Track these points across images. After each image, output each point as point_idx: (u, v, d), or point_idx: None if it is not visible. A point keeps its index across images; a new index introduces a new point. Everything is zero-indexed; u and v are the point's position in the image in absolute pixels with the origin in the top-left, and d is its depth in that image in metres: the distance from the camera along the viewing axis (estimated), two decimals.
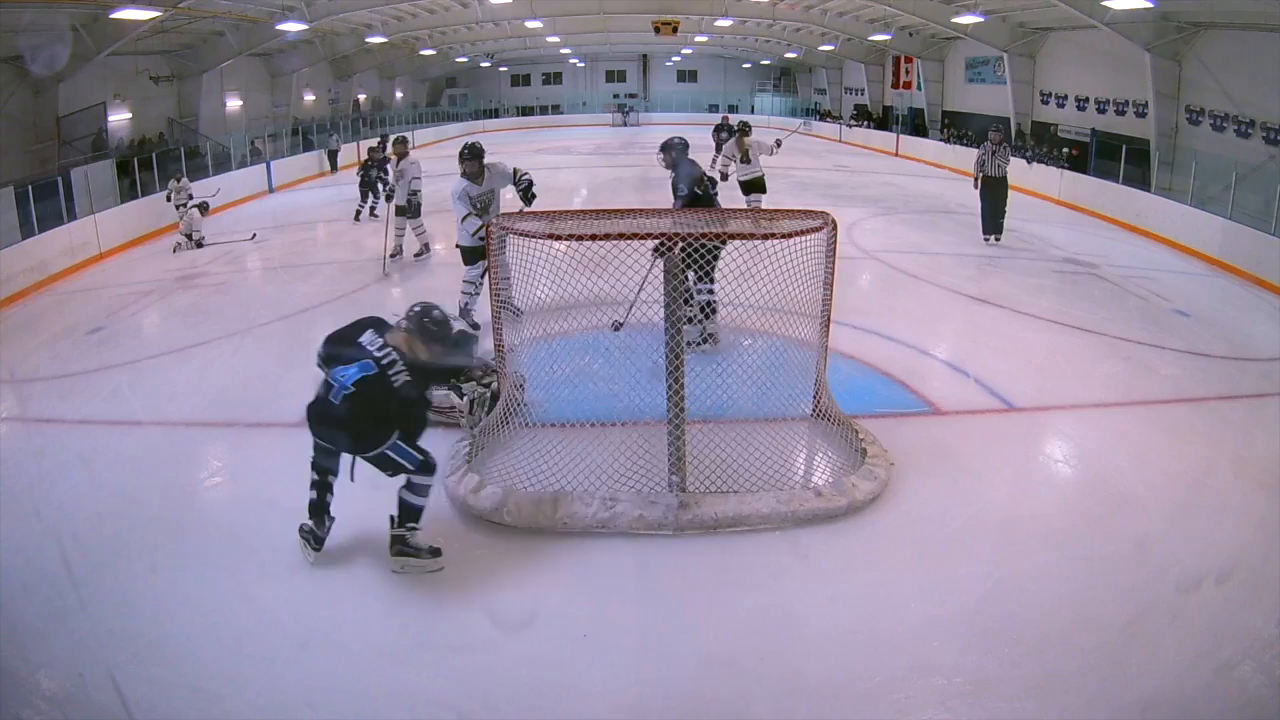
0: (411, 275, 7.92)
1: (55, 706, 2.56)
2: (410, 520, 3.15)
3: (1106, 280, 7.72)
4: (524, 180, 5.62)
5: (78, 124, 12.68)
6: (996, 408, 4.61)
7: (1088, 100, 14.10)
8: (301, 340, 6.10)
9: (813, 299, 3.99)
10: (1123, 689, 2.57)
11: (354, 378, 2.95)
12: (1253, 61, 10.10)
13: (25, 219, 8.50)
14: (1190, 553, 3.31)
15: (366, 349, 3.00)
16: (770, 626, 2.87)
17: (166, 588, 3.09)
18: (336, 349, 3.05)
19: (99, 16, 11.38)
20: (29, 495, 3.85)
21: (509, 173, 5.66)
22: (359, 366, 2.96)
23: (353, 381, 2.94)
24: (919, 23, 16.96)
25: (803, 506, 3.45)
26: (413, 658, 2.73)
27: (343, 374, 2.96)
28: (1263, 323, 6.75)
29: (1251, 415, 4.75)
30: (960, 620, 2.87)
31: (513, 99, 32.69)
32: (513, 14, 19.16)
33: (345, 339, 3.07)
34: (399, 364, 3.00)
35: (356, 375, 2.95)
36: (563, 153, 18.71)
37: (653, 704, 2.55)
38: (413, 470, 3.09)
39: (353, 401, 2.94)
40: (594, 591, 3.08)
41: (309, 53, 19.05)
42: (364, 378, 2.95)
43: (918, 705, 2.53)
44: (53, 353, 6.04)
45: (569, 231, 3.83)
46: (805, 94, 30.37)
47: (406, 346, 3.07)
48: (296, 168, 15.75)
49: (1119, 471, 3.95)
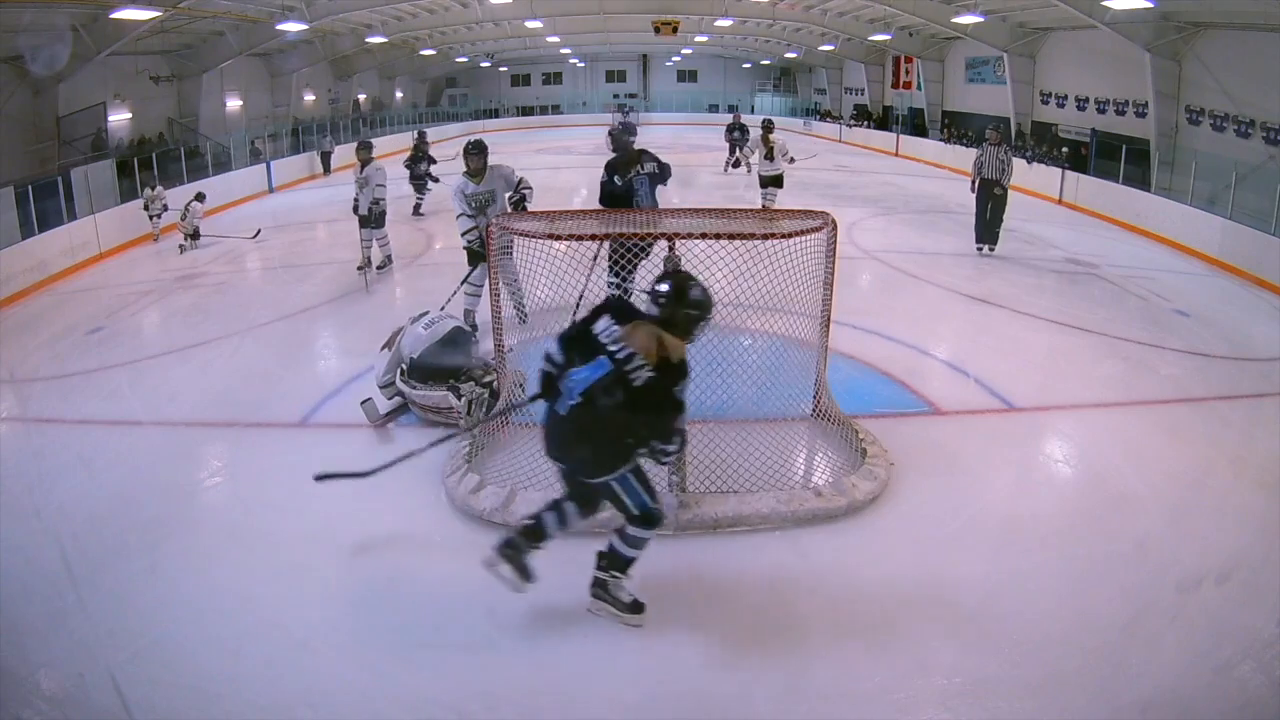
0: (412, 276, 7.92)
1: (55, 706, 2.56)
2: (617, 569, 2.73)
3: (1106, 280, 7.72)
4: (522, 190, 5.57)
5: (78, 124, 12.68)
6: (996, 408, 4.61)
7: (1088, 100, 14.10)
8: (302, 340, 6.12)
9: (813, 299, 3.99)
10: (1123, 689, 2.57)
11: (584, 384, 2.45)
12: (1253, 61, 10.10)
13: (25, 219, 8.51)
14: (1190, 553, 3.31)
15: (601, 342, 2.48)
16: (770, 626, 2.87)
17: (166, 588, 3.09)
18: (570, 348, 2.56)
19: (99, 16, 11.38)
20: (29, 495, 3.85)
21: (513, 178, 5.62)
22: (590, 368, 2.45)
23: (580, 391, 2.45)
24: (919, 23, 16.96)
25: (803, 506, 3.45)
26: (413, 658, 2.73)
27: (574, 378, 2.47)
28: (1263, 323, 6.75)
29: (1251, 415, 4.75)
30: (960, 620, 2.87)
31: (513, 99, 32.69)
32: (513, 14, 19.16)
33: (581, 335, 2.54)
34: (638, 358, 2.44)
35: (587, 380, 2.45)
36: (563, 153, 18.70)
37: (653, 704, 2.55)
38: (635, 517, 2.62)
39: (582, 413, 2.46)
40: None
41: (309, 53, 19.05)
42: (596, 381, 2.44)
43: (918, 705, 2.53)
44: (53, 353, 6.04)
45: (569, 231, 3.83)
46: (805, 94, 30.37)
47: (650, 345, 2.50)
48: (296, 168, 15.76)
49: (1119, 471, 3.95)
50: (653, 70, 33.48)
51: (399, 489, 3.78)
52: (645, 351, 2.46)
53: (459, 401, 4.20)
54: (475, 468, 3.76)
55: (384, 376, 4.57)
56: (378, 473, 3.09)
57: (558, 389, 2.53)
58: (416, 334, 4.52)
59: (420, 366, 4.38)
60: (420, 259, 8.58)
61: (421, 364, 4.38)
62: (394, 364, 4.53)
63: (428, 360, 4.39)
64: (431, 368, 4.38)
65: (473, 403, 4.21)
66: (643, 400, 2.43)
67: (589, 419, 2.46)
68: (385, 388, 4.56)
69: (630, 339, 2.48)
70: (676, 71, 33.31)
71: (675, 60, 32.46)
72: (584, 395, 2.45)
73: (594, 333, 2.53)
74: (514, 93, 33.08)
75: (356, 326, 6.20)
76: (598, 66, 33.04)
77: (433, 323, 4.59)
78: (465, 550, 3.32)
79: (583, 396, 2.45)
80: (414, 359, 4.41)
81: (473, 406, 4.20)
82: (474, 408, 4.20)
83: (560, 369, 2.55)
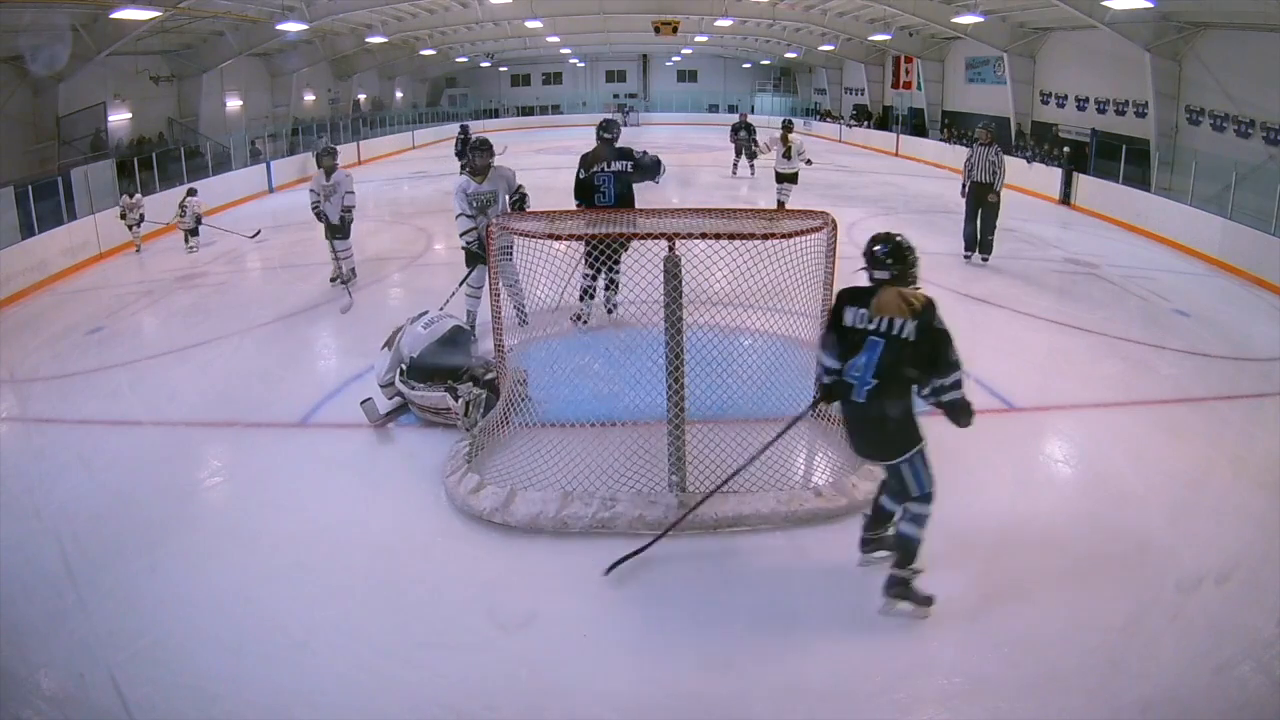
0: (412, 276, 7.92)
1: (55, 706, 2.56)
2: (911, 561, 2.78)
3: (1106, 280, 7.72)
4: (522, 192, 5.57)
5: (78, 124, 12.67)
6: (996, 408, 4.61)
7: (1088, 100, 14.10)
8: (301, 340, 6.12)
9: (813, 299, 3.99)
10: (1123, 689, 2.57)
11: (871, 366, 2.58)
12: (1253, 61, 10.10)
13: (25, 219, 8.51)
14: (1190, 553, 3.31)
15: (859, 329, 2.62)
16: (770, 626, 2.87)
17: (166, 588, 3.09)
18: (836, 349, 2.68)
19: (99, 16, 11.38)
20: (29, 495, 3.85)
21: (514, 180, 5.59)
22: (867, 353, 2.58)
23: (872, 374, 2.58)
24: (919, 23, 16.96)
25: (803, 506, 3.45)
26: (413, 658, 2.73)
27: (857, 367, 2.62)
28: (1263, 323, 6.75)
29: (1251, 415, 4.75)
30: (960, 620, 2.87)
31: (513, 99, 32.68)
32: (513, 14, 19.16)
33: (839, 334, 2.68)
34: (898, 319, 2.56)
35: (870, 361, 2.58)
36: (563, 153, 18.66)
37: (653, 704, 2.55)
38: (918, 496, 2.73)
39: (880, 391, 2.58)
40: (594, 591, 3.07)
41: (309, 53, 19.06)
42: (880, 358, 2.57)
43: (918, 705, 2.53)
44: (53, 353, 6.04)
45: (569, 231, 3.83)
46: (805, 94, 30.36)
47: (900, 303, 2.59)
48: (296, 168, 15.77)
49: (1119, 471, 3.95)
50: (653, 70, 33.47)
51: (399, 489, 3.79)
52: (899, 311, 2.61)
53: (456, 403, 4.20)
54: (475, 468, 3.76)
55: (384, 376, 4.56)
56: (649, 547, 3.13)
57: (846, 386, 2.69)
58: (416, 333, 4.52)
59: (419, 366, 4.38)
60: (420, 259, 8.58)
61: (420, 364, 4.38)
62: (394, 363, 4.52)
63: (427, 360, 4.39)
64: (430, 367, 4.38)
65: (470, 404, 4.20)
66: (920, 349, 2.59)
67: (887, 396, 2.62)
68: (385, 387, 4.56)
69: (881, 310, 2.63)
70: (676, 71, 33.30)
71: (675, 60, 32.44)
72: (876, 376, 2.59)
73: (847, 326, 2.69)
74: (514, 93, 33.07)
75: (356, 326, 6.20)
76: (598, 66, 33.03)
77: (432, 322, 4.59)
78: (465, 550, 3.33)
79: (876, 378, 2.59)
80: (413, 358, 4.41)
81: (470, 408, 4.19)
82: (471, 409, 4.19)
83: (838, 372, 2.72)
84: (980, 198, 7.84)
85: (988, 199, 7.79)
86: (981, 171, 7.77)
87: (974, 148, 7.96)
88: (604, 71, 33.31)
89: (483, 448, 3.96)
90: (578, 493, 3.51)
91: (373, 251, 8.64)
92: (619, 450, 3.69)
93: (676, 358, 3.48)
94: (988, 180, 7.74)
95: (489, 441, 4.01)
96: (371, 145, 19.71)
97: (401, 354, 4.50)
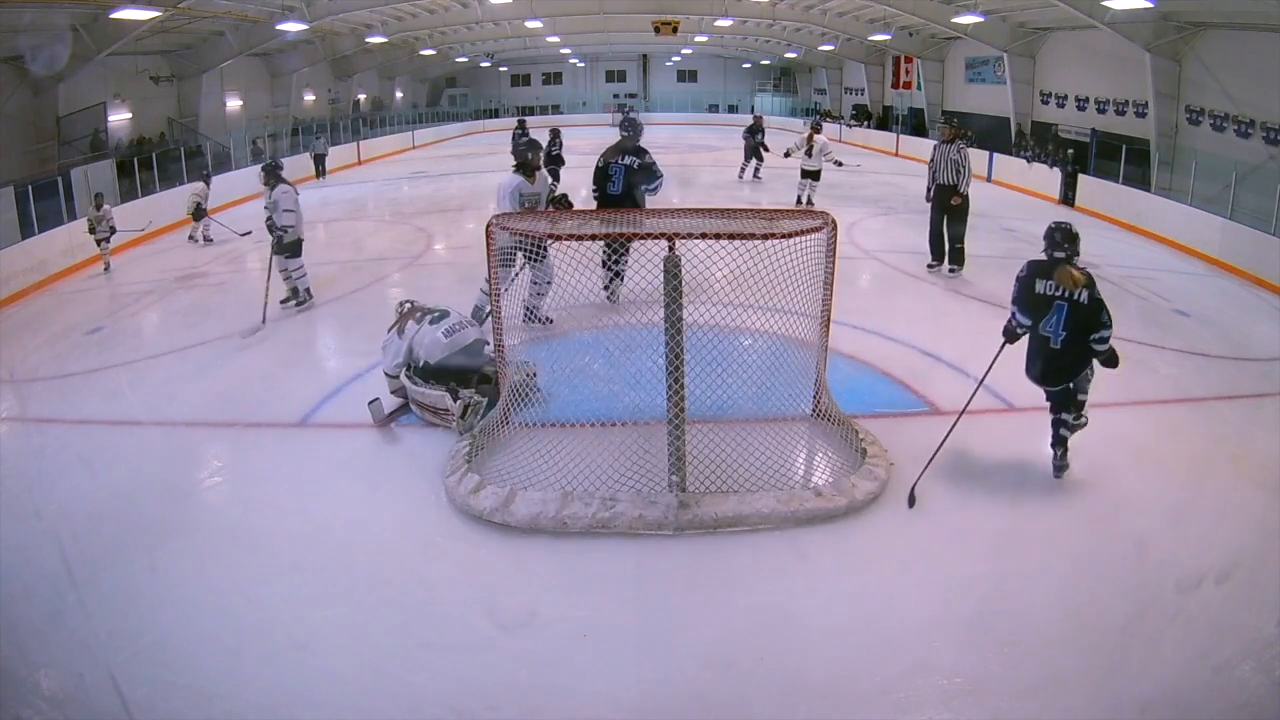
0: (411, 277, 7.91)
1: (55, 706, 2.56)
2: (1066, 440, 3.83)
3: (1106, 280, 7.67)
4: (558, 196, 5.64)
5: (77, 124, 12.68)
6: (996, 408, 4.61)
7: (1088, 100, 14.09)
8: (301, 340, 6.12)
9: (813, 299, 3.99)
10: (1123, 689, 2.57)
11: (1061, 322, 3.60)
12: (1253, 61, 10.10)
13: (25, 219, 8.51)
14: (1190, 553, 3.31)
15: (1048, 295, 3.64)
16: (770, 626, 2.87)
17: (166, 588, 3.09)
18: (1030, 310, 3.73)
19: (99, 16, 11.38)
20: (29, 495, 3.85)
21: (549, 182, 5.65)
22: (1056, 313, 3.62)
23: (1064, 327, 3.60)
24: (919, 23, 16.96)
25: (803, 506, 3.45)
26: (413, 658, 2.73)
27: (1051, 323, 3.64)
28: (1263, 323, 6.75)
29: (1251, 415, 4.75)
30: (960, 620, 2.87)
31: (513, 99, 32.66)
32: (513, 14, 19.15)
33: (1031, 299, 3.71)
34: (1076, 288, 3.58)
35: (1060, 320, 3.61)
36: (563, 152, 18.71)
37: (653, 704, 2.56)
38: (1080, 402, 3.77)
39: (1069, 340, 3.61)
40: (594, 591, 3.08)
41: (309, 53, 19.06)
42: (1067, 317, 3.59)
43: (918, 705, 2.53)
44: (53, 353, 6.04)
45: (569, 231, 3.83)
46: (805, 94, 30.36)
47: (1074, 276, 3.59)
48: (296, 168, 15.75)
49: (1119, 471, 3.94)
50: (653, 70, 33.47)
51: (399, 489, 3.79)
52: (1075, 283, 3.58)
53: (454, 404, 4.15)
54: (475, 468, 3.76)
55: (393, 366, 4.49)
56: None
57: (1042, 338, 3.69)
58: (436, 339, 4.39)
59: (434, 371, 4.34)
60: (419, 259, 8.57)
61: (437, 369, 4.33)
62: (404, 359, 4.44)
63: (444, 365, 4.34)
64: (441, 370, 4.34)
65: (469, 408, 4.15)
66: (1089, 310, 3.58)
67: (1073, 344, 3.62)
68: (390, 377, 4.52)
69: (1062, 282, 3.61)
70: (676, 71, 33.30)
71: (675, 60, 32.44)
72: (1065, 329, 3.60)
73: (1039, 293, 3.68)
74: (514, 93, 33.07)
75: (356, 326, 6.20)
76: (598, 66, 33.03)
77: (454, 330, 4.45)
78: (465, 550, 3.33)
79: (1066, 330, 3.60)
80: (428, 364, 4.35)
81: (468, 411, 4.14)
82: (469, 413, 4.14)
83: (1030, 327, 3.74)
84: (944, 201, 7.16)
85: (951, 203, 7.14)
86: (945, 172, 7.10)
87: (935, 146, 7.33)
88: (604, 71, 33.31)
89: (483, 448, 3.96)
90: (578, 493, 3.51)
91: (373, 251, 8.64)
92: (619, 450, 3.69)
93: (676, 358, 3.49)
94: (951, 182, 7.07)
95: (489, 441, 4.01)
96: (371, 145, 19.70)
97: (415, 355, 4.41)
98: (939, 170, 7.18)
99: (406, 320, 4.55)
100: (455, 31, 21.80)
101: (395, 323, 4.62)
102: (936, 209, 7.31)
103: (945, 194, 7.15)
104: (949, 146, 7.18)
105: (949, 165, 7.09)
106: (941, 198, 7.19)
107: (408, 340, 4.45)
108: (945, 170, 7.11)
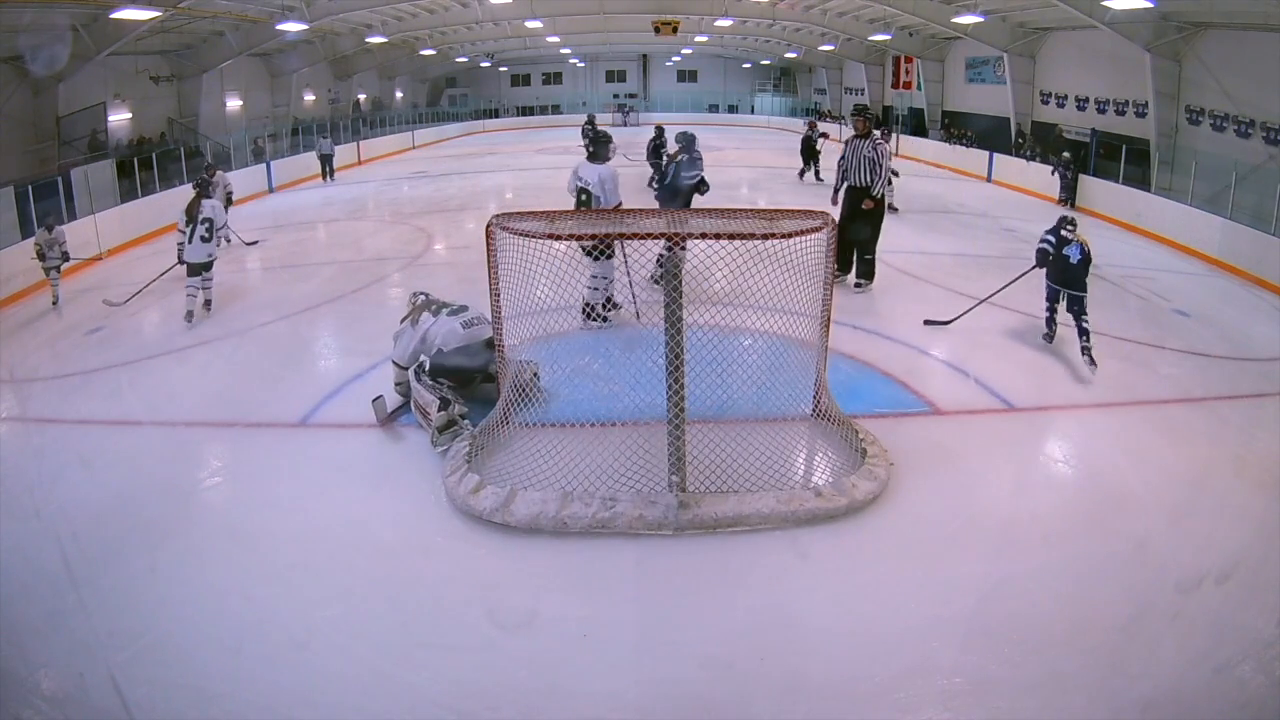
0: (411, 276, 7.91)
1: (55, 706, 2.56)
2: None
3: (1106, 280, 7.70)
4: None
5: (77, 124, 12.68)
6: (996, 408, 4.61)
7: (1088, 100, 14.10)
8: (301, 340, 6.12)
9: (813, 299, 3.99)
10: (1123, 689, 2.57)
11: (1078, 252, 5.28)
12: (1253, 61, 10.11)
13: (25, 219, 8.50)
14: (1190, 553, 3.31)
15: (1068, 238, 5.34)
16: (770, 626, 2.87)
17: (166, 588, 3.09)
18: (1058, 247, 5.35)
19: (99, 16, 11.38)
20: (29, 495, 3.85)
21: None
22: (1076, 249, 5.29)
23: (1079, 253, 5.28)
24: (919, 23, 16.96)
25: (803, 506, 3.45)
26: (413, 658, 2.73)
27: (1072, 249, 5.29)
28: (1263, 323, 6.75)
29: (1251, 415, 4.75)
30: (960, 620, 2.87)
31: (513, 99, 32.68)
32: (513, 14, 19.16)
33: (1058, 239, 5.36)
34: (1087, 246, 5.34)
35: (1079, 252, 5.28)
36: (562, 153, 18.67)
37: (653, 704, 2.56)
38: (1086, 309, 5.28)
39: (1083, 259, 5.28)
40: (594, 591, 3.08)
41: (309, 53, 19.06)
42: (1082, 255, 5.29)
43: (918, 705, 2.53)
44: (53, 353, 6.04)
45: (569, 231, 3.83)
46: (805, 94, 30.36)
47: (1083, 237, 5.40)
48: (296, 168, 15.77)
49: (1119, 471, 3.95)
50: (653, 70, 33.47)
51: (399, 489, 3.79)
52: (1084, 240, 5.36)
53: (437, 414, 4.07)
54: (475, 468, 3.76)
55: (405, 357, 4.45)
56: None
57: (1063, 258, 5.32)
58: (453, 328, 4.36)
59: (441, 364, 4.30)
60: (419, 259, 8.57)
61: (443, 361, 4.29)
62: (416, 350, 4.40)
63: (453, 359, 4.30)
64: (452, 367, 4.31)
65: (450, 422, 4.07)
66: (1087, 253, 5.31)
67: (1086, 260, 5.28)
68: (400, 369, 4.49)
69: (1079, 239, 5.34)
70: (676, 71, 33.31)
71: (675, 60, 32.45)
72: (1079, 256, 5.27)
73: (1064, 235, 5.36)
74: (514, 93, 33.07)
75: (356, 326, 6.20)
76: (598, 66, 33.04)
77: (472, 323, 4.42)
78: (465, 550, 3.33)
79: (1081, 255, 5.27)
80: (442, 350, 4.32)
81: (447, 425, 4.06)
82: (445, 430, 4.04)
83: (1056, 251, 5.34)
84: (854, 205, 6.20)
85: (863, 206, 6.19)
86: (857, 172, 6.15)
87: (847, 142, 6.33)
88: (604, 71, 33.32)
89: (483, 448, 3.96)
90: (578, 493, 3.51)
91: (373, 252, 8.63)
92: (619, 450, 3.69)
93: (676, 358, 3.49)
94: (864, 183, 6.12)
95: (489, 441, 4.01)
96: (371, 145, 19.70)
97: (429, 341, 4.37)
98: (850, 169, 6.27)
99: (421, 311, 4.53)
100: (455, 31, 21.81)
101: (409, 314, 4.61)
102: (844, 215, 6.31)
103: (856, 196, 6.22)
104: (863, 142, 6.23)
105: (862, 163, 6.16)
106: (852, 200, 6.27)
107: (421, 331, 4.43)
108: (858, 170, 6.18)
